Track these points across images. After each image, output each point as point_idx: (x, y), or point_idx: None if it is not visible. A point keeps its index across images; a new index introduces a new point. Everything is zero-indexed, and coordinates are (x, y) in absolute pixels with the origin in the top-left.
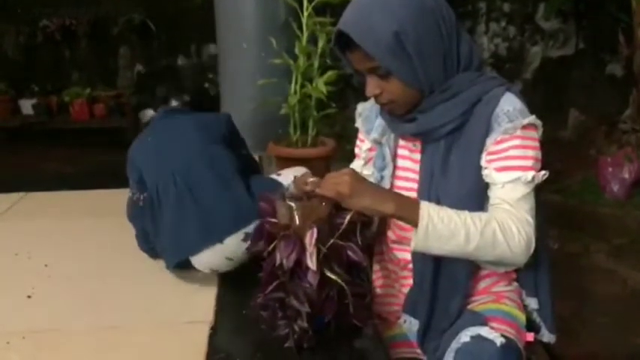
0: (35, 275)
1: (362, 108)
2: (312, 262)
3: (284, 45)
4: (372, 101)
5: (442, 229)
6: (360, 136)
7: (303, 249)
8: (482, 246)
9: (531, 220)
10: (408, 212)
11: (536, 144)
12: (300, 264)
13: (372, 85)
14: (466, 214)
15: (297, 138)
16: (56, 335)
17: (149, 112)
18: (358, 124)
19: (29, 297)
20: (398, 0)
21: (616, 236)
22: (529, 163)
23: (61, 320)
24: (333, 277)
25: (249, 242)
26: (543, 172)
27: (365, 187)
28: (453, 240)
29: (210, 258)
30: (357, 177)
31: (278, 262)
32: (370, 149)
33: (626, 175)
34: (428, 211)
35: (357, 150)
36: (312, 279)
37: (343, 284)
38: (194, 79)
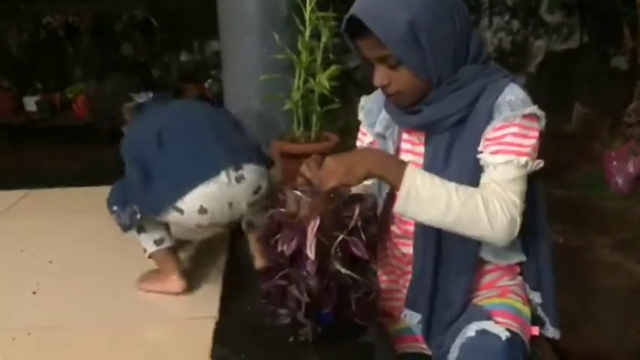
0: (40, 272)
1: (365, 101)
2: (310, 251)
3: (287, 40)
4: (375, 95)
5: (424, 193)
6: (362, 129)
7: (304, 238)
8: (463, 218)
9: (518, 203)
10: (394, 173)
11: (535, 134)
12: (301, 252)
13: (381, 74)
14: (452, 185)
15: (300, 133)
16: (61, 331)
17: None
18: (361, 116)
19: (34, 293)
20: None
21: (621, 230)
22: (524, 150)
23: (66, 316)
24: (340, 269)
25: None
26: (538, 160)
27: (352, 158)
28: (434, 207)
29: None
30: (339, 157)
31: (280, 248)
32: (372, 143)
33: (631, 169)
34: (413, 174)
35: (358, 143)
36: (310, 268)
37: (349, 273)
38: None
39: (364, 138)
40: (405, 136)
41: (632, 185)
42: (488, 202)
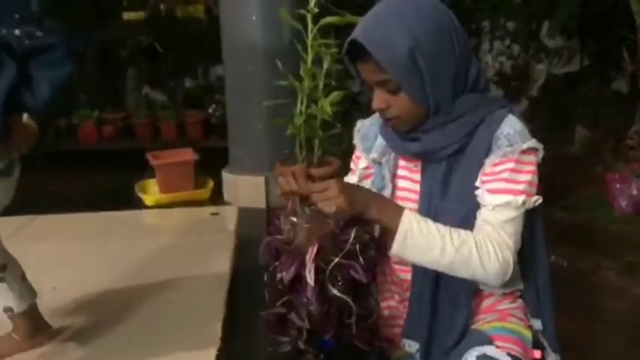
0: (43, 298)
1: (360, 125)
2: (310, 277)
3: (289, 67)
4: (371, 119)
5: (420, 239)
6: (357, 153)
7: (303, 263)
8: (457, 262)
9: (512, 245)
10: (390, 218)
11: (532, 168)
12: (300, 279)
13: (379, 99)
14: (447, 230)
15: (303, 158)
16: (64, 359)
17: None
18: (356, 140)
19: None
20: (416, 15)
21: (626, 253)
22: (520, 187)
23: (68, 344)
24: (336, 294)
25: None
26: (536, 197)
27: (354, 194)
28: (429, 252)
29: None
30: (345, 186)
31: (279, 276)
32: (366, 167)
33: (634, 192)
34: (409, 220)
35: (352, 165)
36: (310, 294)
37: (348, 300)
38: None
39: (359, 162)
40: (401, 162)
41: (636, 207)
42: (482, 246)
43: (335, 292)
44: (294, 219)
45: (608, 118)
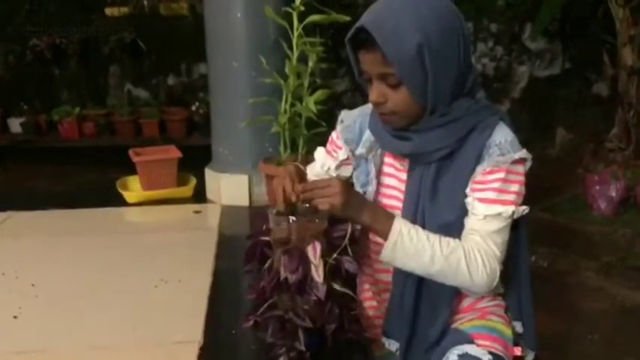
0: (22, 295)
1: (345, 116)
2: (318, 276)
3: (274, 64)
4: (356, 112)
5: (410, 247)
6: (338, 142)
7: (307, 263)
8: (445, 271)
9: (499, 255)
10: (382, 225)
11: (521, 178)
12: (305, 279)
13: (378, 92)
14: (436, 238)
15: (287, 156)
16: (43, 356)
17: None
18: (338, 130)
19: (15, 317)
20: (427, 12)
21: (605, 254)
22: (511, 197)
23: (47, 341)
24: (339, 289)
25: None
26: (524, 207)
27: (351, 197)
28: (418, 259)
29: None
30: (345, 187)
31: (282, 277)
32: (346, 159)
33: (614, 193)
34: (400, 227)
35: (328, 147)
36: (321, 292)
37: (352, 294)
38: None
39: (339, 151)
40: (387, 160)
41: (615, 209)
42: (470, 255)
43: (338, 287)
44: (291, 217)
45: (589, 121)
